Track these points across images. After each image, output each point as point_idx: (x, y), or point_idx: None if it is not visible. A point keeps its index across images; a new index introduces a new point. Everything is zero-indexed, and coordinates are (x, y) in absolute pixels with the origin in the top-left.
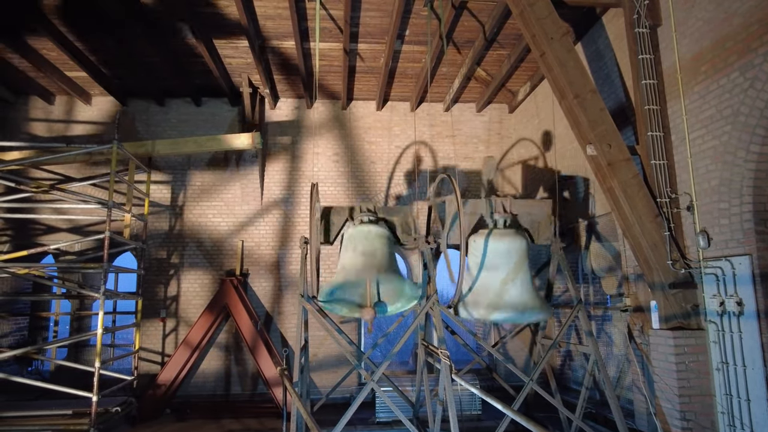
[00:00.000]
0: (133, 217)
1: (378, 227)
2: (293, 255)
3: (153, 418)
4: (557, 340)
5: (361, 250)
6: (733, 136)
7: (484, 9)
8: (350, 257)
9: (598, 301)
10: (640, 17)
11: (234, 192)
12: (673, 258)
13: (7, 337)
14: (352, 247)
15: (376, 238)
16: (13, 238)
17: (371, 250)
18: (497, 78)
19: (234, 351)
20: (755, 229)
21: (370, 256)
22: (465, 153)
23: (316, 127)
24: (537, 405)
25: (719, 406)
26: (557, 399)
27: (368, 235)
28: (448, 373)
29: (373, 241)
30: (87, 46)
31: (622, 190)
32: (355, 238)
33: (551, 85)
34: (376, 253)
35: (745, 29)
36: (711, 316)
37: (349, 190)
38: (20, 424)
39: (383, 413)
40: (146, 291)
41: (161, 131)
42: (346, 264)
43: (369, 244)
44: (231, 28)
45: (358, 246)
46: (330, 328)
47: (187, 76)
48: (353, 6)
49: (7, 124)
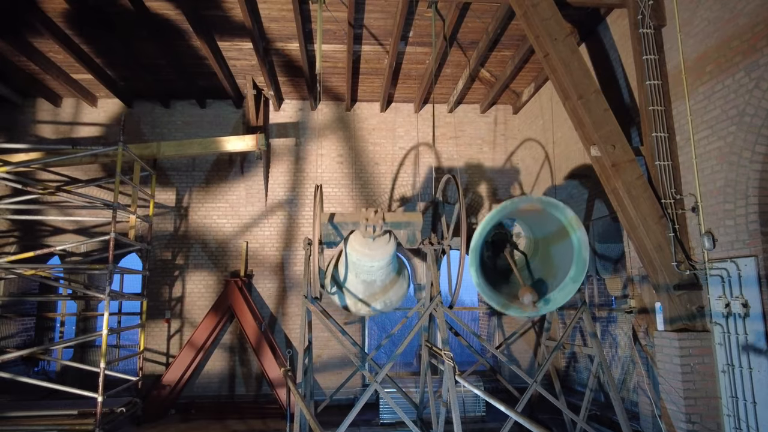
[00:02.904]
0: (139, 219)
1: (380, 261)
2: (297, 256)
3: (158, 419)
4: (561, 342)
5: (363, 279)
6: (739, 137)
7: (487, 10)
8: (352, 279)
9: (602, 303)
10: (645, 18)
11: (238, 193)
12: (678, 259)
13: (14, 338)
14: (354, 269)
15: (378, 270)
16: (20, 240)
17: (371, 280)
18: (501, 79)
19: (238, 352)
20: (761, 231)
21: (369, 285)
22: (469, 154)
23: (320, 129)
24: (541, 407)
25: (725, 408)
26: (561, 401)
27: (370, 269)
28: (451, 375)
29: (374, 273)
30: (93, 49)
31: (627, 191)
32: (357, 266)
33: (555, 86)
34: (375, 283)
35: (751, 29)
36: (716, 317)
37: (353, 191)
38: (26, 423)
39: (387, 414)
40: (151, 292)
41: (166, 133)
42: (348, 282)
43: (370, 276)
44: (235, 30)
45: (360, 274)
46: (334, 330)
47: (192, 78)
48: (357, 8)
49: (14, 126)
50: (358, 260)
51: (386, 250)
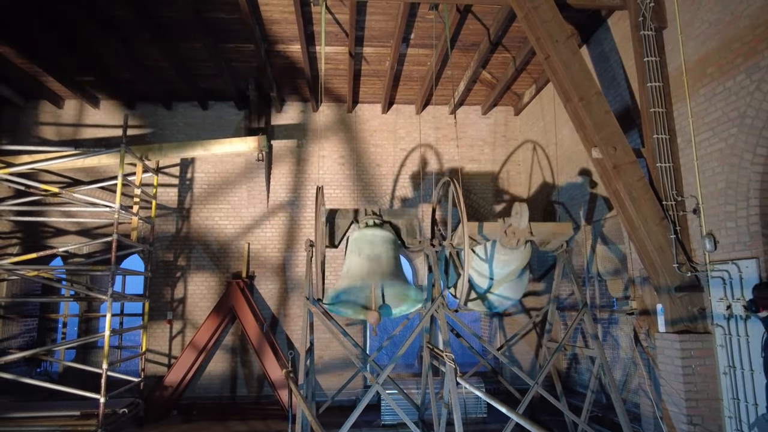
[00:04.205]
0: (141, 220)
1: (383, 231)
2: (299, 257)
3: (159, 420)
4: (563, 343)
5: (366, 254)
6: (740, 139)
7: (488, 12)
8: (355, 261)
9: (604, 304)
10: (646, 20)
11: (240, 195)
12: (680, 261)
13: (17, 339)
14: (357, 250)
15: (381, 242)
16: (23, 241)
17: (376, 254)
18: (502, 81)
19: (240, 353)
20: (762, 233)
21: (375, 261)
22: (470, 155)
23: (322, 131)
24: (542, 408)
25: (726, 410)
26: (563, 402)
27: (373, 239)
28: (453, 376)
29: (378, 245)
30: (95, 51)
31: (628, 193)
32: (360, 242)
33: (556, 88)
34: (381, 258)
35: (752, 31)
36: (718, 319)
37: (355, 192)
38: (29, 424)
39: (388, 416)
40: (153, 293)
41: (168, 135)
42: (351, 267)
43: (374, 249)
44: (237, 32)
45: (363, 250)
46: (335, 331)
47: (194, 80)
48: (359, 10)
49: (17, 128)
50: (360, 235)
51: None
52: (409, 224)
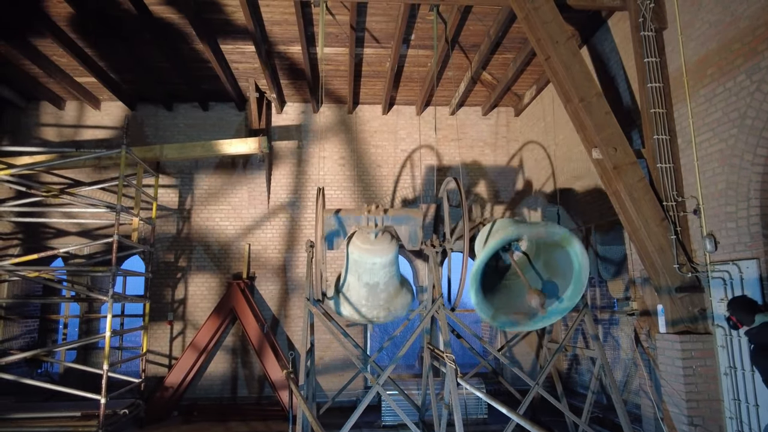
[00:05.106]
0: (141, 221)
1: (382, 257)
2: (300, 258)
3: (160, 421)
4: (563, 344)
5: (365, 281)
6: (740, 139)
7: (489, 13)
8: (354, 284)
9: (604, 305)
10: (646, 20)
11: (241, 196)
12: (680, 261)
13: (18, 340)
14: (355, 271)
15: (381, 269)
16: (24, 242)
17: (374, 282)
18: (503, 81)
19: (241, 354)
20: (762, 233)
21: (373, 288)
22: (471, 156)
23: (323, 131)
24: (543, 409)
25: (727, 411)
26: (563, 403)
27: (373, 267)
28: (453, 377)
29: (377, 272)
30: (96, 52)
31: (628, 194)
32: (359, 265)
33: (556, 88)
34: (378, 285)
35: (752, 32)
36: (718, 320)
37: (356, 193)
38: (30, 425)
39: (389, 417)
40: (154, 294)
41: (169, 136)
42: (349, 288)
43: (373, 277)
44: (238, 33)
45: (362, 276)
46: (336, 332)
47: (195, 81)
48: (359, 11)
49: (18, 129)
50: (359, 257)
51: (388, 247)
52: (413, 231)
